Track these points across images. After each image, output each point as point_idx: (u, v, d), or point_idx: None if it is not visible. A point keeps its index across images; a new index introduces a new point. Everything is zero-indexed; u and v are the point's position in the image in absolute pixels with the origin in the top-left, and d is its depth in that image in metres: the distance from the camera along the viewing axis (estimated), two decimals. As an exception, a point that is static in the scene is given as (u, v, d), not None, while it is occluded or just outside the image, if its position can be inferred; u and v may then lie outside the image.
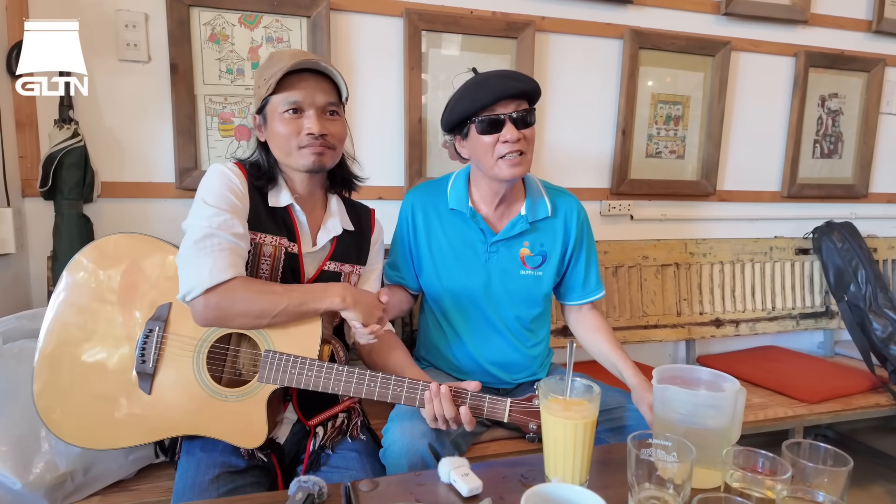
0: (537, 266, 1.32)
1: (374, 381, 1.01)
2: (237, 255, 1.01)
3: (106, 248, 1.07)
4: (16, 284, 1.48)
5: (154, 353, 1.02)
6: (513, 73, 1.21)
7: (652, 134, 2.03)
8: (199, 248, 0.98)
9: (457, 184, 1.34)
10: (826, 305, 2.21)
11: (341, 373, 1.01)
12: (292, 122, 1.07)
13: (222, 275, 0.97)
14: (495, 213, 1.32)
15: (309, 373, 1.01)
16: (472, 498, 0.80)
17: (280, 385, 1.01)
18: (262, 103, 1.09)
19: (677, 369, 0.93)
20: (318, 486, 0.78)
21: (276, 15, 1.62)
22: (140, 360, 1.03)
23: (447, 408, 0.99)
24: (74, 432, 1.03)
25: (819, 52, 2.14)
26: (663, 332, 2.00)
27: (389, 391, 1.02)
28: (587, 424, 0.80)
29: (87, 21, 1.49)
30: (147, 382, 1.03)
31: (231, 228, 1.01)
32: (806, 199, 2.27)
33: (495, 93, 1.17)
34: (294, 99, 1.06)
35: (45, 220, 1.50)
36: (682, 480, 0.73)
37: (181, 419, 1.03)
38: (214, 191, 1.04)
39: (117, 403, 1.03)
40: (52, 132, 1.46)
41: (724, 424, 0.84)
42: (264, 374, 1.01)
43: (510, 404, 1.00)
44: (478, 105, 1.18)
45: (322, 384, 1.01)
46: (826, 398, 1.73)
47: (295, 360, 1.01)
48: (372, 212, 1.30)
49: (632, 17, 1.94)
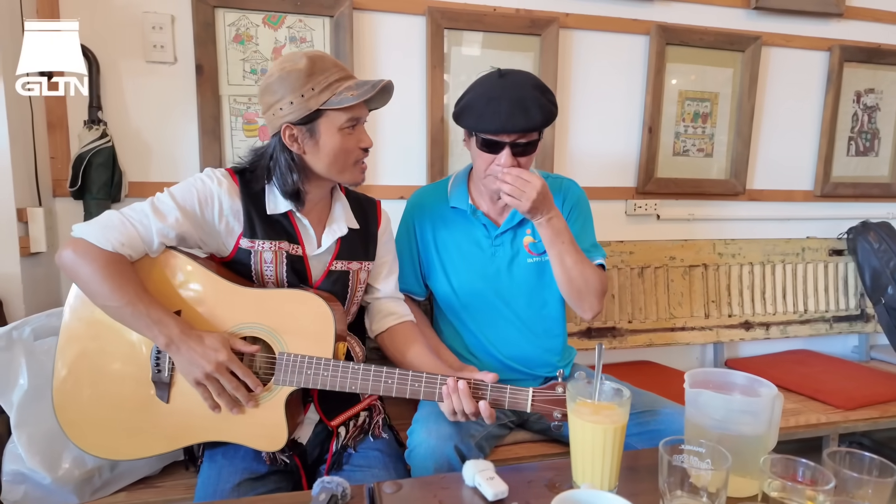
0: (542, 252, 1.30)
1: (392, 378, 1.00)
2: (136, 246, 0.99)
3: None
4: (47, 282, 1.51)
5: (168, 362, 1.02)
6: (526, 104, 1.14)
7: (679, 132, 1.98)
8: (125, 215, 1.00)
9: (457, 183, 1.35)
10: (861, 308, 2.13)
11: (357, 371, 1.00)
12: (351, 136, 1.06)
13: (107, 243, 0.96)
14: (495, 208, 1.32)
15: (325, 373, 1.00)
16: (498, 502, 0.78)
17: (296, 387, 1.01)
18: (313, 115, 1.03)
19: (710, 373, 0.90)
20: (342, 487, 0.77)
21: (300, 15, 1.63)
22: (155, 370, 1.02)
23: (466, 403, 0.97)
24: (98, 445, 1.04)
25: (854, 47, 2.07)
26: (691, 335, 1.96)
27: (407, 387, 1.00)
28: (617, 429, 0.78)
29: (115, 23, 1.52)
30: (164, 391, 1.03)
31: (160, 227, 1.00)
32: (840, 199, 2.19)
33: (499, 125, 1.13)
34: (357, 115, 1.05)
35: (75, 219, 1.52)
36: (716, 489, 0.70)
37: (201, 426, 1.03)
38: (186, 188, 1.05)
39: (137, 414, 1.03)
40: (81, 133, 1.49)
41: (760, 431, 0.81)
42: (280, 377, 1.01)
43: (532, 393, 0.98)
44: (481, 127, 1.16)
45: (339, 383, 1.00)
46: (862, 404, 1.67)
47: (310, 360, 1.01)
48: (377, 203, 1.28)
49: (658, 13, 1.90)
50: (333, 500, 0.76)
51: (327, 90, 1.01)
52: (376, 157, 1.76)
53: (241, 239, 1.08)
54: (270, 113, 1.05)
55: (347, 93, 1.02)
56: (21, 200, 1.37)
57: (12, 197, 1.34)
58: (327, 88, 1.01)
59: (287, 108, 1.02)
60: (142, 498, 1.16)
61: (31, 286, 1.40)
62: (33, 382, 1.13)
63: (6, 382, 1.12)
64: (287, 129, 1.04)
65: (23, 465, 1.09)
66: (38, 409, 1.12)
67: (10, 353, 1.13)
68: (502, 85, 1.16)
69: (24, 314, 1.35)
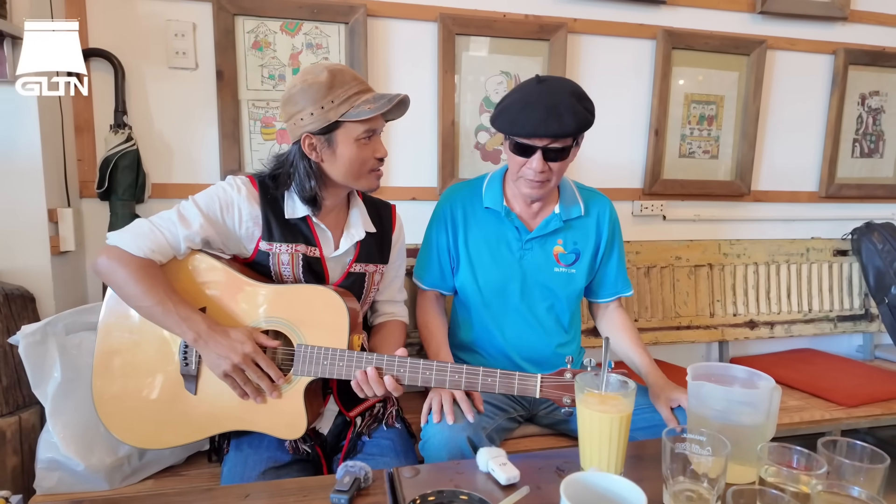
0: (571, 264, 1.35)
1: (404, 366, 1.05)
2: (165, 251, 1.07)
3: None
4: (75, 280, 1.58)
5: (195, 356, 1.08)
6: (560, 110, 1.14)
7: (685, 134, 2.02)
8: (153, 223, 1.08)
9: (492, 184, 1.37)
10: (865, 308, 2.16)
11: (370, 360, 1.05)
12: (366, 147, 1.12)
13: (138, 250, 1.04)
14: (529, 212, 1.35)
15: (340, 363, 1.06)
16: (510, 486, 0.83)
17: (314, 377, 1.06)
18: (332, 126, 1.08)
19: (712, 367, 0.95)
20: (364, 471, 0.82)
21: (316, 22, 1.68)
22: (183, 363, 1.09)
23: (376, 386, 1.04)
24: (133, 435, 1.11)
25: (859, 49, 2.10)
26: (696, 334, 1.99)
27: (419, 375, 1.05)
28: (622, 418, 0.82)
29: (140, 31, 1.58)
30: (192, 384, 1.09)
31: (186, 234, 1.08)
32: (845, 200, 2.22)
33: (531, 129, 1.15)
34: (373, 127, 1.11)
35: (101, 219, 1.59)
36: (716, 475, 0.75)
37: (226, 416, 1.09)
38: (209, 195, 1.12)
39: (168, 406, 1.10)
40: (107, 136, 1.55)
41: (758, 421, 0.85)
42: (299, 368, 1.07)
43: (541, 380, 1.03)
44: (514, 130, 1.18)
45: (354, 373, 1.06)
46: (865, 402, 1.70)
47: (326, 351, 1.06)
48: (393, 208, 1.34)
49: (665, 18, 1.93)
50: (356, 483, 0.81)
51: (346, 103, 1.07)
52: (389, 159, 1.78)
53: (261, 242, 1.14)
54: (292, 122, 1.10)
55: (365, 106, 1.07)
56: (52, 201, 1.44)
57: (43, 198, 1.41)
58: (346, 101, 1.07)
59: (308, 119, 1.07)
60: (168, 485, 1.22)
61: (60, 284, 1.46)
62: (66, 375, 1.19)
63: (41, 375, 1.18)
64: (307, 138, 1.09)
65: (57, 453, 1.15)
66: (71, 399, 1.18)
67: (45, 347, 1.19)
68: (539, 91, 1.17)
69: (54, 310, 1.41)
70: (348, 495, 0.78)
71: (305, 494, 0.82)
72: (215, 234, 1.11)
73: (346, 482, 0.79)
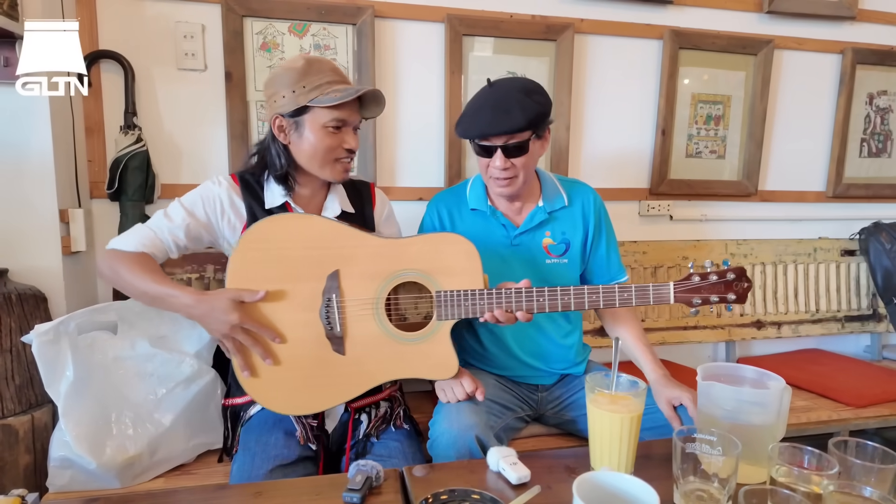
0: (561, 254, 1.36)
1: (531, 296, 1.10)
2: (156, 245, 1.15)
3: (258, 234, 1.12)
4: (86, 280, 1.59)
5: (338, 317, 1.11)
6: (507, 107, 1.18)
7: (692, 134, 2.02)
8: (146, 224, 1.17)
9: (475, 186, 1.40)
10: (873, 308, 2.15)
11: (510, 294, 1.10)
12: (334, 136, 1.16)
13: (130, 245, 1.13)
14: (513, 209, 1.37)
15: (480, 301, 1.11)
16: (521, 486, 0.83)
17: (458, 318, 1.12)
18: (301, 110, 1.14)
19: (721, 367, 0.95)
20: (376, 470, 0.83)
21: (324, 23, 1.69)
22: (328, 327, 1.11)
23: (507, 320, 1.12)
24: (288, 404, 1.12)
25: (867, 49, 2.09)
26: (702, 334, 1.99)
27: (559, 301, 1.11)
28: (633, 418, 0.83)
29: (149, 33, 1.59)
30: (339, 345, 1.12)
31: (170, 227, 1.15)
32: (852, 199, 2.21)
33: (481, 130, 1.20)
34: (342, 117, 1.15)
35: (111, 220, 1.60)
36: (727, 475, 0.75)
37: (377, 369, 1.13)
38: (191, 194, 1.20)
39: (319, 370, 1.12)
40: (118, 138, 1.56)
41: (769, 421, 0.86)
42: (441, 312, 1.12)
43: (673, 286, 1.09)
44: (469, 134, 1.23)
45: (495, 309, 1.10)
46: (873, 402, 1.70)
47: (464, 293, 1.11)
48: (371, 186, 1.37)
49: (672, 18, 1.93)
50: (368, 482, 0.82)
51: (317, 89, 1.12)
52: (396, 159, 1.82)
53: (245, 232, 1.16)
54: (268, 104, 1.17)
55: (334, 94, 1.12)
56: (63, 202, 1.45)
57: (55, 198, 1.42)
58: (317, 88, 1.12)
59: (280, 101, 1.14)
60: (179, 483, 1.23)
61: (71, 284, 1.48)
62: (78, 374, 1.19)
63: (54, 374, 1.19)
64: (277, 119, 1.16)
65: (70, 452, 1.16)
66: (83, 398, 1.19)
67: (58, 347, 1.20)
68: (488, 93, 1.23)
69: (65, 310, 1.42)
70: (360, 494, 0.79)
71: (318, 493, 0.82)
72: (200, 228, 1.18)
73: (358, 481, 0.80)
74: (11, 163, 1.38)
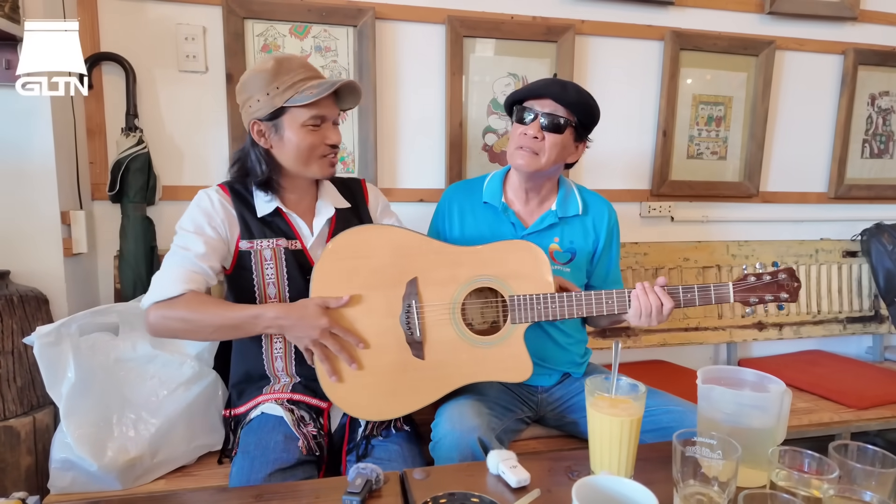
0: (566, 262, 1.35)
1: (611, 298, 1.16)
2: (194, 277, 1.10)
3: (342, 246, 1.14)
4: (87, 282, 1.59)
5: (417, 322, 1.13)
6: (564, 83, 1.25)
7: (693, 135, 2.02)
8: (164, 266, 1.11)
9: (493, 181, 1.40)
10: (875, 309, 2.15)
11: (579, 298, 1.15)
12: (315, 133, 1.14)
13: (174, 290, 1.07)
14: (526, 209, 1.37)
15: (552, 305, 1.15)
16: (521, 489, 0.83)
17: (531, 321, 1.15)
18: (278, 112, 1.12)
19: (722, 370, 0.95)
20: (376, 473, 0.83)
21: (325, 25, 1.69)
22: (408, 332, 1.13)
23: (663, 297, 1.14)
24: (371, 409, 1.14)
25: (869, 50, 2.08)
26: (704, 335, 1.99)
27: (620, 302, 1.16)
28: (633, 421, 0.83)
29: (151, 35, 1.60)
30: (419, 350, 1.14)
31: (191, 247, 1.11)
32: (854, 200, 2.21)
33: (535, 88, 1.25)
34: (321, 113, 1.13)
35: (113, 222, 1.60)
36: (727, 478, 0.75)
37: (455, 372, 1.15)
38: (188, 217, 1.16)
39: (400, 375, 1.14)
40: (119, 140, 1.57)
41: (769, 425, 0.85)
42: (516, 316, 1.15)
43: (732, 286, 1.14)
44: (522, 94, 1.27)
45: (567, 312, 1.15)
46: (875, 404, 1.69)
47: (538, 297, 1.15)
48: (362, 182, 1.37)
49: (673, 19, 1.93)
50: (368, 485, 0.82)
51: (291, 89, 1.10)
52: (397, 161, 1.82)
53: (240, 241, 1.16)
54: (243, 110, 1.15)
55: (308, 91, 1.10)
56: (64, 204, 1.45)
57: (56, 200, 1.42)
58: (291, 87, 1.10)
59: (256, 105, 1.12)
60: (179, 485, 1.23)
61: (73, 285, 1.48)
62: (80, 375, 1.20)
63: (55, 376, 1.19)
64: (255, 124, 1.14)
65: (71, 453, 1.16)
66: (84, 400, 1.19)
67: (59, 348, 1.20)
68: (552, 78, 1.30)
69: (66, 312, 1.42)
70: (360, 497, 0.79)
71: (318, 496, 0.82)
72: (218, 244, 1.15)
73: (357, 484, 0.80)
74: (13, 165, 1.39)
